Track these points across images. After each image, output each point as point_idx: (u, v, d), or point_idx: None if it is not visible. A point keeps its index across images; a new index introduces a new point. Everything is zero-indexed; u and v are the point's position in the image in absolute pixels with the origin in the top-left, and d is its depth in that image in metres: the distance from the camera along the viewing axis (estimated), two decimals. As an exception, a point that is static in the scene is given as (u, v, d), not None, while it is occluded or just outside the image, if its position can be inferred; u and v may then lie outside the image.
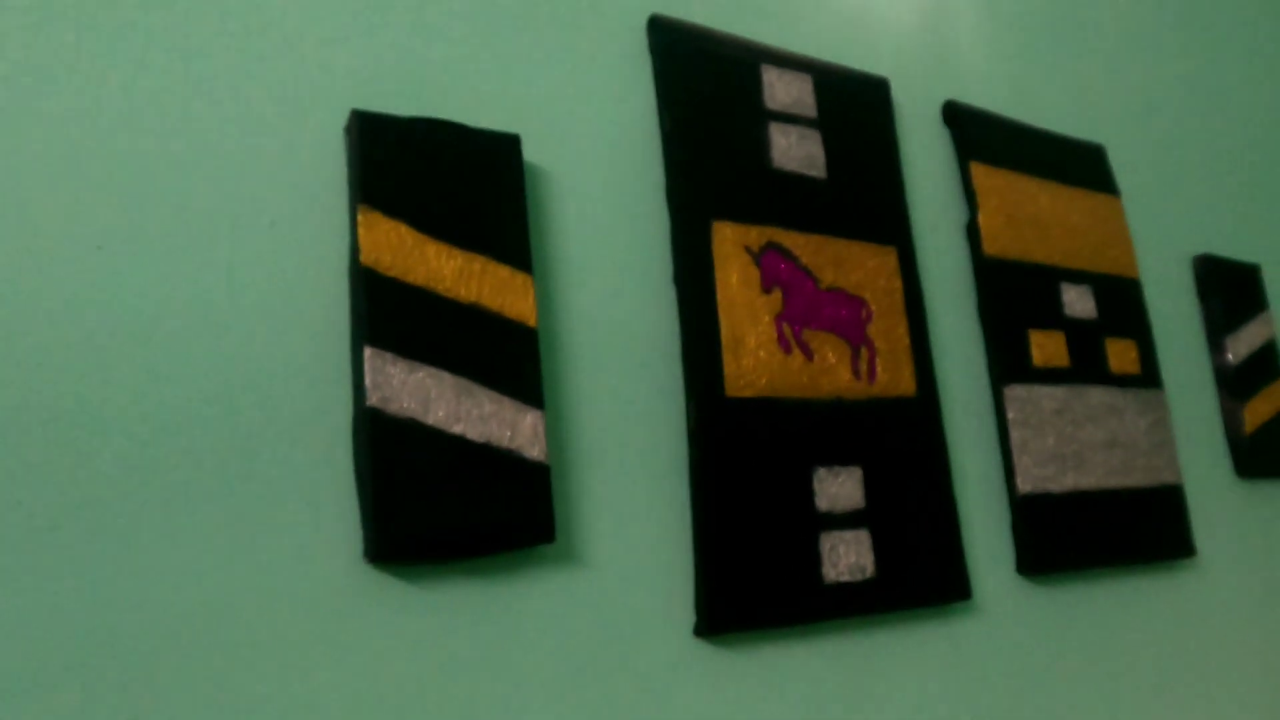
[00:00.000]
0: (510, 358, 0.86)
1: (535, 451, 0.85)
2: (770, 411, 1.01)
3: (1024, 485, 1.21)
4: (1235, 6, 1.94)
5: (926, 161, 1.31)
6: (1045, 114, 1.48)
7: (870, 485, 1.06)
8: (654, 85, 1.07)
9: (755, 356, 1.02)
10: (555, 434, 0.90)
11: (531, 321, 0.88)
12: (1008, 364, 1.25)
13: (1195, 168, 1.71)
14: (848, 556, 1.02)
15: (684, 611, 0.93)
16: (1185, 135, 1.72)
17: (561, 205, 0.97)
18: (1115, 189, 1.50)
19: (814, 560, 1.00)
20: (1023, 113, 1.45)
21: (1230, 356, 1.57)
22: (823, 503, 1.02)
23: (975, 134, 1.33)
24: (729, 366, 1.00)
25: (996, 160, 1.34)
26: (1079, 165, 1.46)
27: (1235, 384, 1.56)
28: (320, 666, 0.75)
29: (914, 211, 1.27)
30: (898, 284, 1.17)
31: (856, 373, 1.09)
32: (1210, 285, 1.60)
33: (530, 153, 0.96)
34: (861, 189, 1.17)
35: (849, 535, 1.03)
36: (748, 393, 1.00)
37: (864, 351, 1.11)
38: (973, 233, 1.29)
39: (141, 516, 0.71)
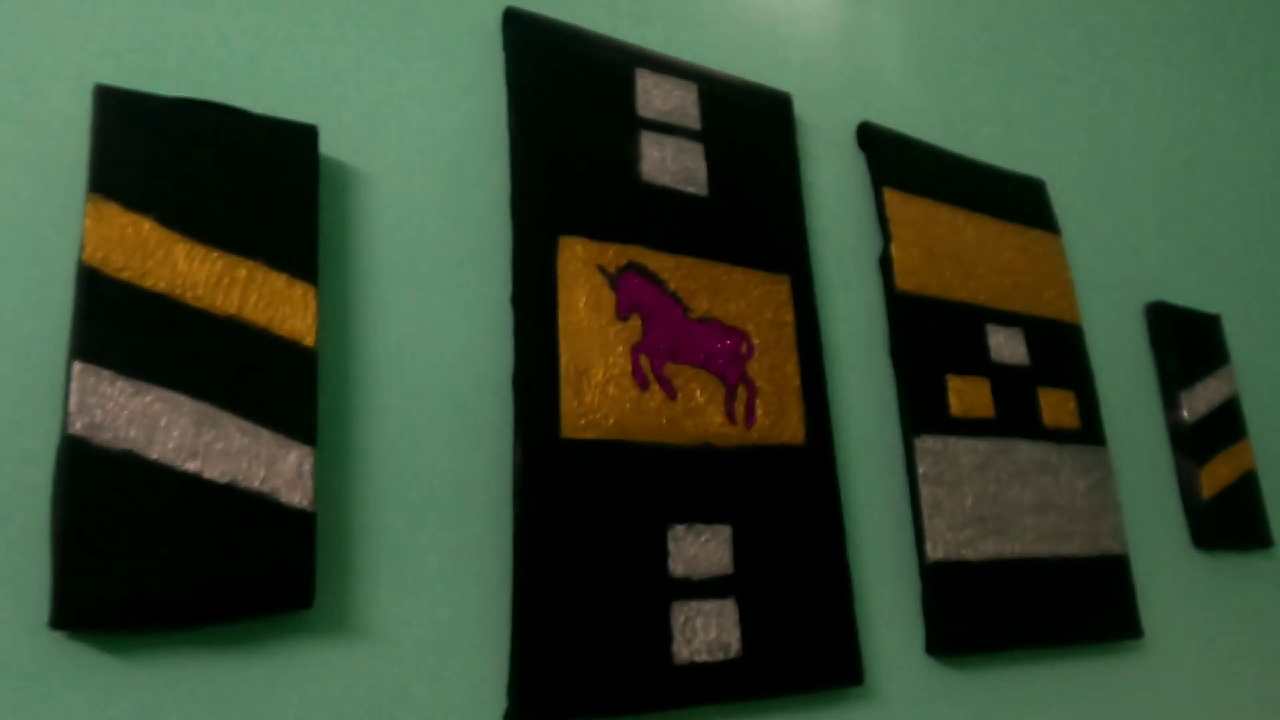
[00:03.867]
0: (276, 382, 0.72)
1: (297, 496, 0.70)
2: (618, 457, 0.86)
3: (935, 551, 1.05)
4: (1194, 38, 1.83)
5: (838, 187, 1.19)
6: (980, 145, 1.36)
7: (741, 547, 0.91)
8: (505, 84, 0.94)
9: (602, 392, 0.87)
10: (332, 476, 0.75)
11: (309, 340, 0.74)
12: (921, 412, 1.10)
13: (1150, 209, 1.58)
14: (706, 631, 0.86)
15: (495, 697, 0.77)
16: (1139, 173, 1.59)
17: (374, 211, 0.84)
18: (1055, 227, 1.37)
19: (662, 636, 0.84)
20: (954, 142, 1.33)
21: (1186, 414, 1.42)
22: (678, 567, 0.87)
23: (892, 158, 1.21)
24: (568, 402, 0.85)
25: (915, 188, 1.21)
26: (1014, 199, 1.34)
27: (1192, 444, 1.41)
28: (-27, 762, 0.59)
29: (819, 239, 1.14)
30: (789, 317, 1.03)
31: (731, 415, 0.95)
32: (1164, 335, 1.47)
33: (337, 149, 0.83)
34: (750, 210, 1.04)
35: (710, 606, 0.87)
36: (590, 434, 0.86)
37: (741, 391, 0.96)
38: (885, 265, 1.16)
39: None
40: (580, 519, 0.83)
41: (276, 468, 0.70)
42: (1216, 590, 1.37)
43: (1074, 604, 1.16)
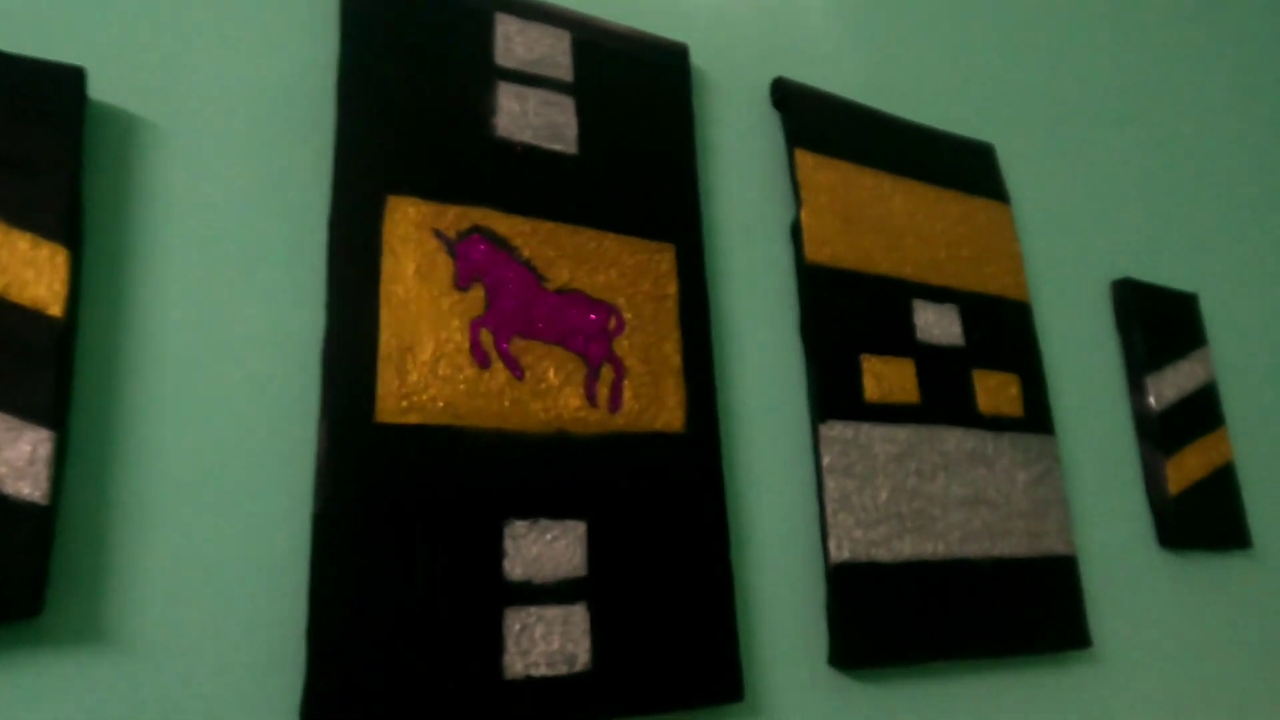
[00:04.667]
0: (9, 357, 0.62)
1: (26, 487, 0.61)
2: (447, 444, 0.76)
3: (839, 552, 0.94)
4: None
5: (747, 149, 1.08)
6: (920, 106, 1.24)
7: (598, 546, 0.80)
8: (339, 27, 0.85)
9: (431, 371, 0.77)
10: (84, 467, 0.66)
11: (55, 310, 0.64)
12: (829, 396, 0.99)
13: (1118, 177, 1.45)
14: (547, 641, 0.76)
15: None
16: (1104, 137, 1.46)
17: (164, 167, 0.75)
18: (1004, 195, 1.25)
19: (491, 647, 0.74)
20: (890, 103, 1.21)
21: (1152, 400, 1.30)
22: (516, 568, 0.76)
23: (807, 118, 1.10)
24: (387, 383, 0.75)
25: (833, 150, 1.09)
26: (955, 165, 1.22)
27: (1159, 434, 1.28)
28: None
29: (721, 206, 1.03)
30: (671, 289, 0.92)
31: (592, 398, 0.84)
32: (1130, 315, 1.34)
33: (121, 96, 0.74)
34: (629, 172, 0.94)
35: (553, 613, 0.77)
36: (412, 418, 0.76)
37: (607, 372, 0.86)
38: (796, 235, 1.05)
39: None
40: (395, 515, 0.73)
41: (3, 455, 0.61)
42: (1184, 594, 1.25)
43: (1009, 610, 1.04)
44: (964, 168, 1.22)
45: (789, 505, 0.96)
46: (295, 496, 0.72)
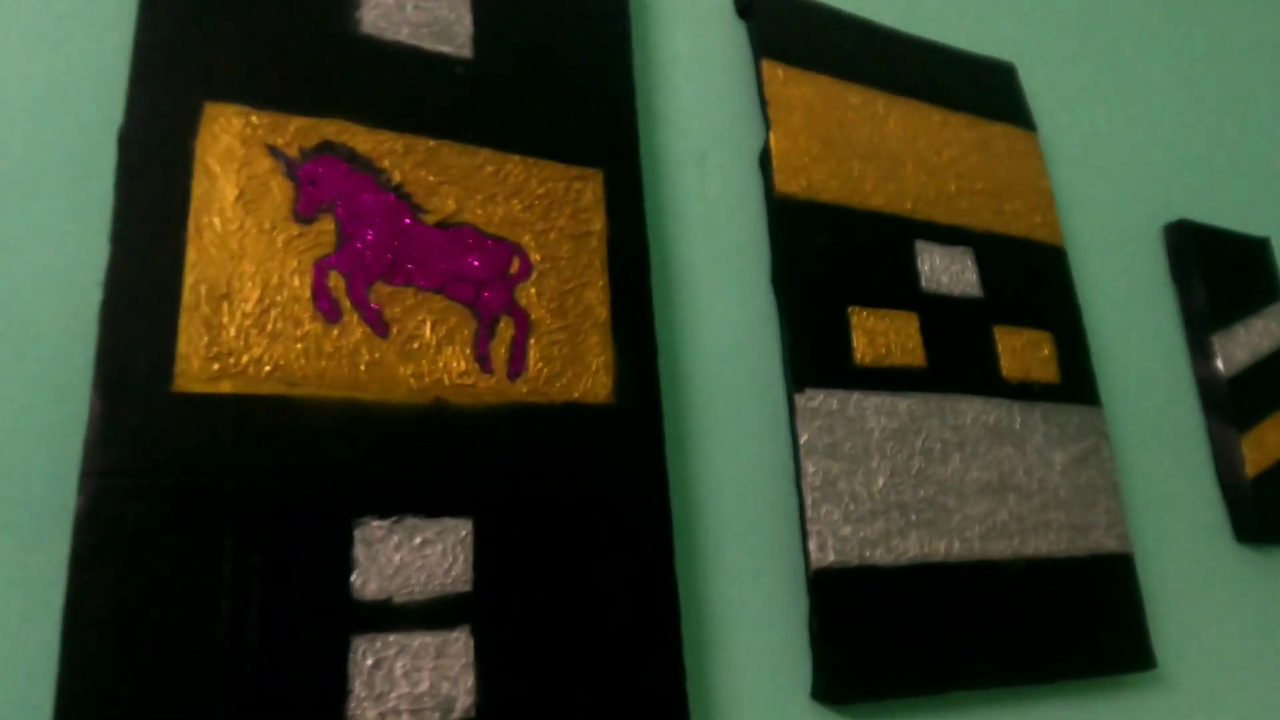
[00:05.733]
0: None
1: None
2: (276, 420, 0.58)
3: (822, 554, 0.74)
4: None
5: (706, 63, 0.88)
6: (930, 20, 1.04)
7: (487, 552, 0.61)
8: (157, -96, 0.67)
9: (256, 325, 0.59)
10: None
11: None
12: (807, 359, 0.79)
13: (1170, 102, 1.23)
14: (413, 681, 0.57)
15: (29, 789, 0.49)
16: (1155, 56, 1.24)
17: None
18: (1028, 121, 1.04)
19: (331, 690, 0.55)
20: (887, 15, 1.01)
21: (1220, 364, 1.07)
22: (369, 583, 0.57)
23: (778, 24, 0.90)
24: (191, 340, 0.57)
25: (810, 62, 0.89)
26: (966, 85, 1.01)
27: (1230, 404, 1.05)
28: None
29: (669, 128, 0.83)
30: (597, 225, 0.73)
31: (483, 360, 0.65)
32: (1188, 263, 1.11)
33: None
34: (541, 82, 0.74)
35: (422, 642, 0.58)
36: (226, 386, 0.57)
37: (505, 327, 0.67)
38: (765, 163, 0.85)
39: None
40: (197, 515, 0.54)
41: None
42: (1269, 599, 1.02)
43: (1047, 624, 0.82)
44: (977, 89, 1.02)
45: (760, 495, 0.76)
46: (65, 488, 0.54)
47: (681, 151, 0.83)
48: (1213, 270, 1.12)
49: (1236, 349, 1.09)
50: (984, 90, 1.02)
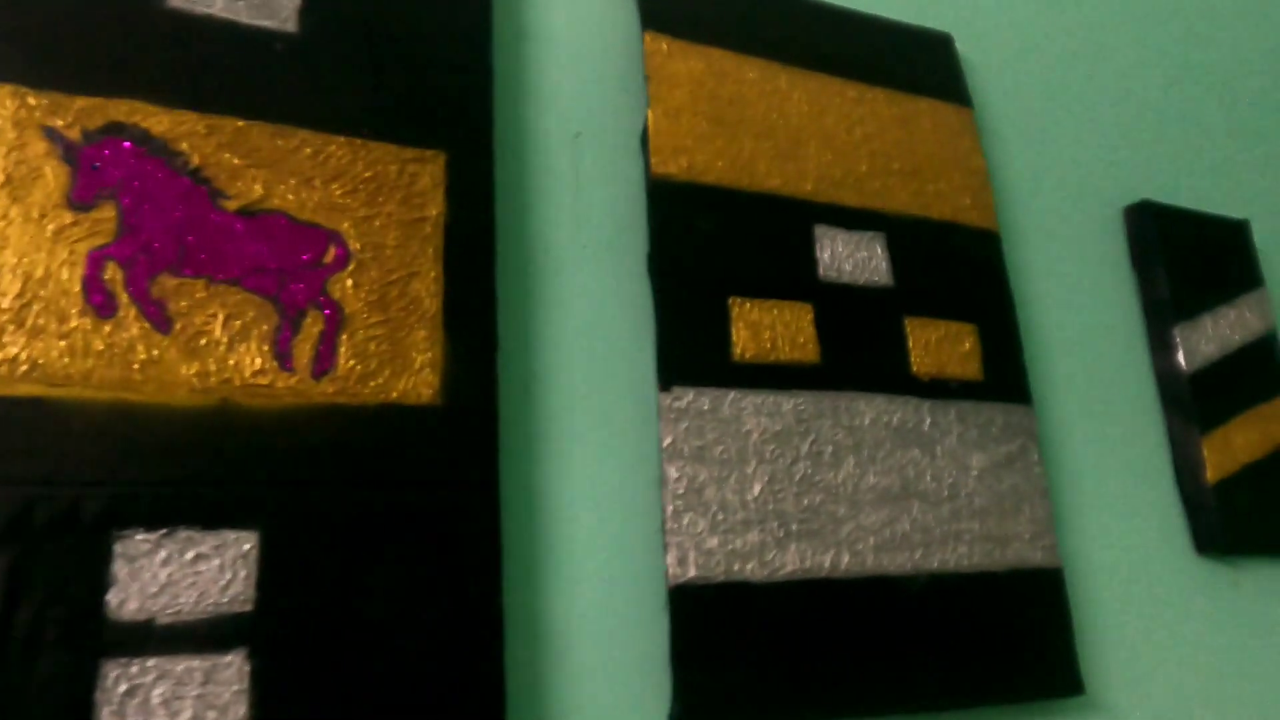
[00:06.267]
0: None
1: None
2: (29, 424, 0.53)
3: (681, 567, 0.67)
4: None
5: (586, 36, 0.82)
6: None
7: (274, 569, 0.56)
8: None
9: (15, 321, 0.54)
10: None
11: None
12: (678, 354, 0.72)
13: (1135, 73, 1.13)
14: (172, 711, 0.52)
15: None
16: (1115, 21, 1.15)
17: None
18: (963, 96, 0.96)
19: (77, 718, 0.50)
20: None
21: (1181, 359, 0.98)
22: (127, 601, 0.52)
23: (666, -8, 0.83)
24: (-66, 337, 0.53)
25: (698, 34, 0.83)
26: (893, 58, 0.93)
27: (1191, 402, 0.96)
28: None
29: (537, 107, 0.77)
30: (433, 210, 0.67)
31: (283, 358, 0.60)
32: (1150, 248, 1.02)
33: None
34: (376, 57, 0.69)
35: (187, 666, 0.53)
36: (-28, 388, 0.53)
37: (313, 322, 0.61)
38: (646, 143, 0.78)
39: None
40: (-69, 525, 0.50)
41: None
42: (1229, 617, 0.92)
43: (955, 646, 0.75)
44: (903, 61, 0.94)
45: (624, 506, 0.70)
46: None
47: (553, 131, 0.77)
48: (1179, 256, 1.02)
49: (1202, 342, 0.99)
50: (912, 63, 0.94)
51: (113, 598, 0.52)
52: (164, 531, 0.54)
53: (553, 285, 0.73)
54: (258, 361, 0.59)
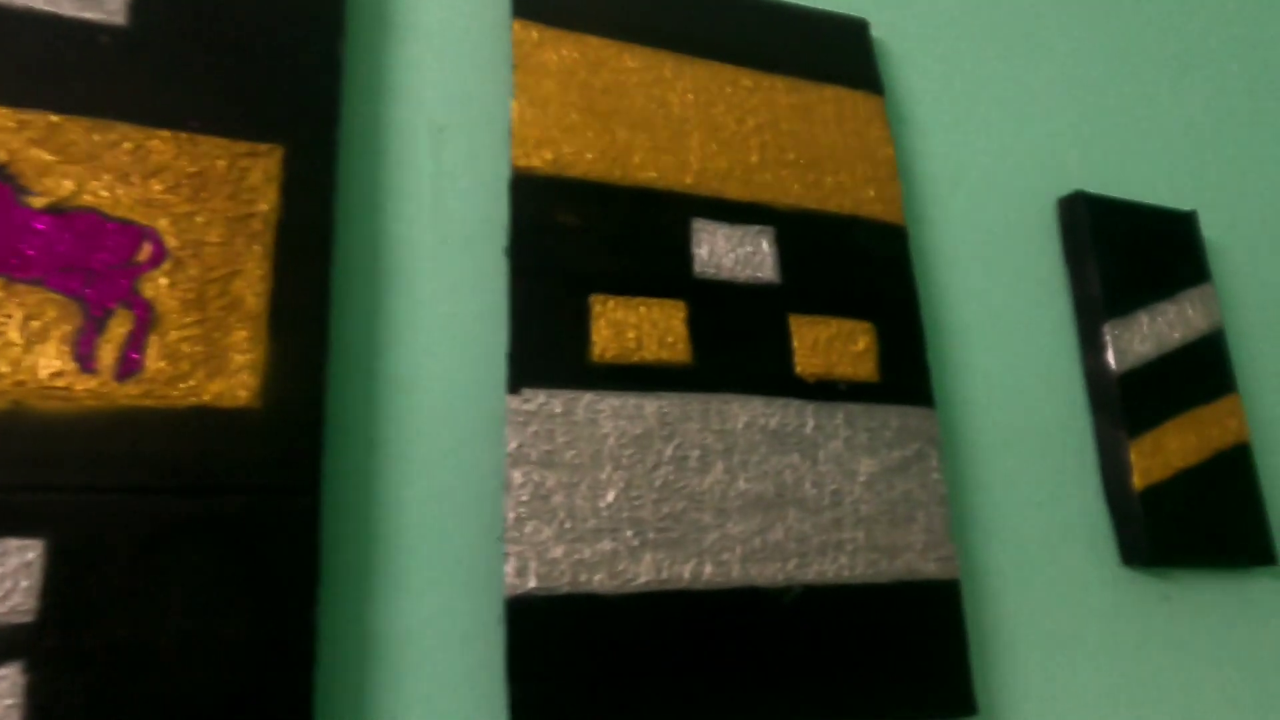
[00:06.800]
0: None
1: None
2: None
3: (521, 578, 0.64)
4: None
5: (456, 25, 0.79)
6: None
7: (61, 579, 0.54)
8: None
9: None
10: None
11: None
12: (531, 353, 0.69)
13: (1071, 57, 1.08)
14: (-67, 725, 0.50)
15: None
16: (1059, 7, 1.09)
17: None
18: (874, 83, 0.91)
19: None
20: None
21: (1110, 358, 0.92)
22: (-108, 612, 0.51)
23: (541, -21, 0.80)
24: None
25: (572, 21, 0.79)
26: (796, 44, 0.89)
27: (1120, 405, 0.91)
28: None
29: (397, 98, 0.75)
30: (265, 205, 0.65)
31: (85, 359, 0.58)
32: (1081, 242, 0.97)
33: None
34: (215, 48, 0.67)
35: (-47, 679, 0.51)
36: None
37: (120, 322, 0.59)
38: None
39: None
40: None
41: None
42: (1157, 629, 0.87)
43: (833, 662, 0.71)
44: (809, 48, 0.90)
45: (472, 513, 0.67)
46: None
47: (415, 124, 0.75)
48: (1115, 250, 0.97)
49: (1135, 340, 0.94)
50: (820, 49, 0.90)
51: (-123, 608, 0.51)
52: (-67, 540, 0.52)
53: (406, 283, 0.71)
54: (56, 363, 0.57)
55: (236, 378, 0.61)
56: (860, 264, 0.83)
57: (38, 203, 0.59)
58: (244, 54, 0.68)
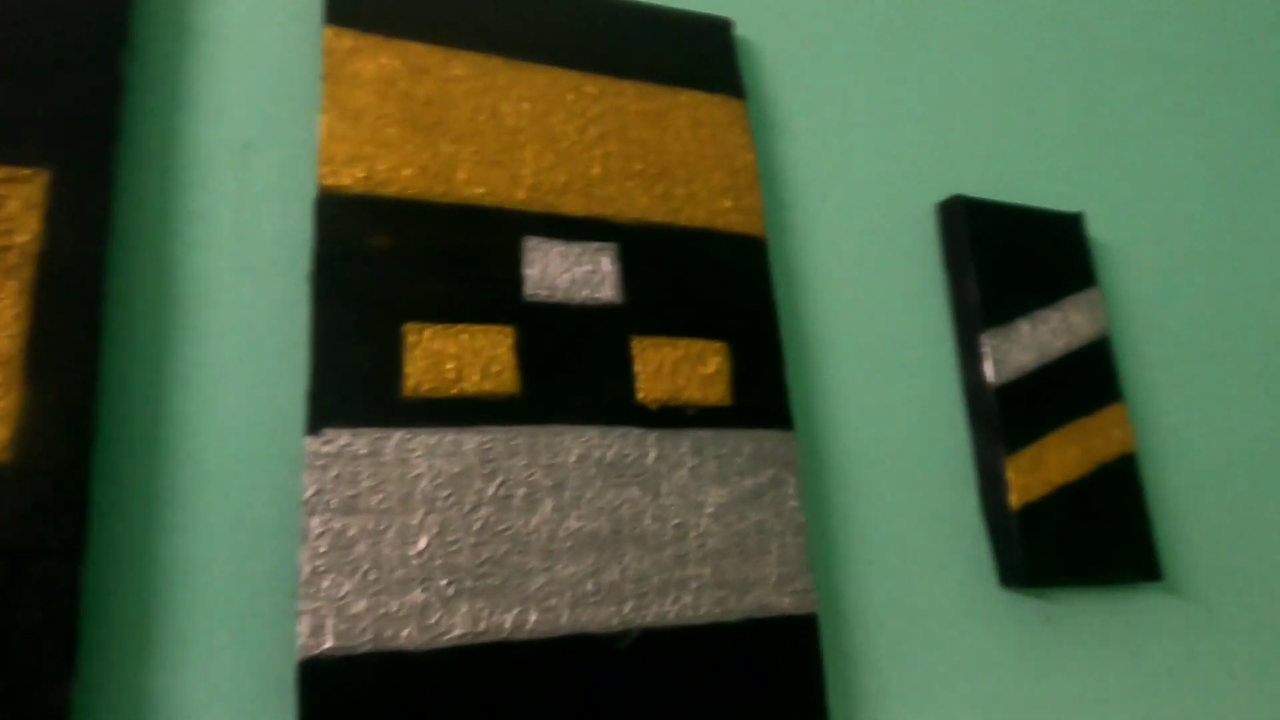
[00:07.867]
0: None
1: None
2: None
3: (315, 639, 0.59)
4: None
5: (264, 34, 0.74)
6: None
7: None
8: None
9: None
10: None
11: None
12: (334, 390, 0.64)
13: (953, 53, 1.04)
14: None
15: None
16: (935, 9, 1.05)
17: None
18: (735, 87, 0.87)
19: None
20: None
21: (988, 370, 0.89)
22: None
23: (360, -18, 0.75)
24: None
25: (391, 26, 0.74)
26: (649, 47, 0.84)
27: (997, 419, 0.87)
28: None
29: (201, 114, 0.69)
30: (24, 237, 0.59)
31: None
32: (960, 248, 0.93)
33: None
34: (-32, 63, 0.61)
35: None
36: None
37: None
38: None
39: None
40: None
41: None
42: (1034, 653, 0.83)
43: (677, 709, 0.66)
44: (669, 51, 0.85)
45: (267, 568, 0.61)
46: None
47: (216, 141, 0.69)
48: (996, 255, 0.93)
49: (1015, 350, 0.90)
50: (675, 52, 0.85)
51: None
52: None
53: (197, 317, 0.65)
54: None
55: (-18, 430, 0.55)
56: (713, 280, 0.79)
57: None
58: (9, 71, 0.62)
